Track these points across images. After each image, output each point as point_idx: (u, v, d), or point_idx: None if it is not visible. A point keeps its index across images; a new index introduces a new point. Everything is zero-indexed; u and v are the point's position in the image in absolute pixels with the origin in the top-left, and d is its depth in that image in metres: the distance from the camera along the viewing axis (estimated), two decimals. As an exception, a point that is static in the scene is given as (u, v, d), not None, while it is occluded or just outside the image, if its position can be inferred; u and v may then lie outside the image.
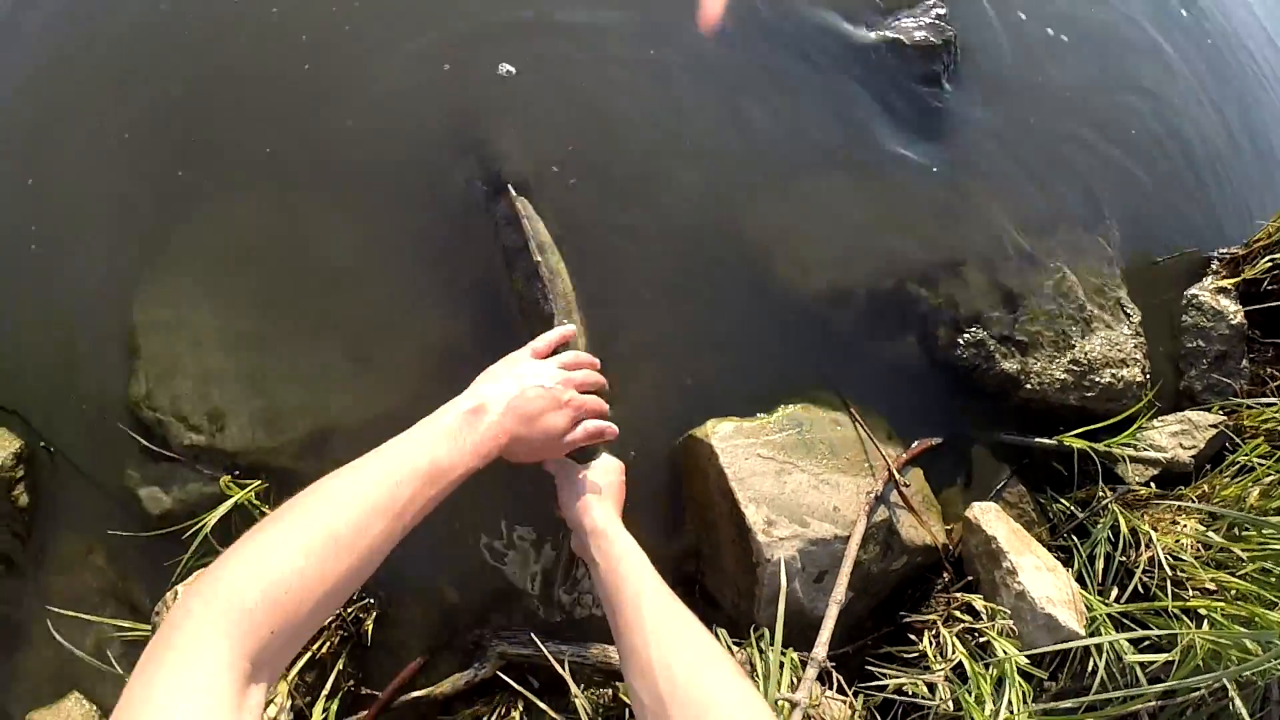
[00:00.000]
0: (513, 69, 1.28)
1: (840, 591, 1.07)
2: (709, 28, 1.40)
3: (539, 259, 1.13)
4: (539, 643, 1.10)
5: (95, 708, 1.32)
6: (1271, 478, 1.24)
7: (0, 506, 1.30)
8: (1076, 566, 1.23)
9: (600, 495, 1.02)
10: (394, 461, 0.76)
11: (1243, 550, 1.16)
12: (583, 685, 1.10)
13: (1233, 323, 1.48)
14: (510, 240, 1.17)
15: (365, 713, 1.14)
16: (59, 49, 1.40)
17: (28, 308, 1.36)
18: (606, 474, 1.07)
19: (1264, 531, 1.17)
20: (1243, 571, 1.14)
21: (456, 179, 1.24)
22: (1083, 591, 1.17)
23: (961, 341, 1.27)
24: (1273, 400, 1.39)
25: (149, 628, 1.22)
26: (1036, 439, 1.29)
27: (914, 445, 1.23)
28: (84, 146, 1.36)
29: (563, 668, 1.06)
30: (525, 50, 1.28)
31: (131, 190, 1.32)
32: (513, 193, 1.19)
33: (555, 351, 1.04)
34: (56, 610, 1.26)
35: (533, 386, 0.92)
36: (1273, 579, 1.12)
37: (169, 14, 1.36)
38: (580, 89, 1.28)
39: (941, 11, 1.42)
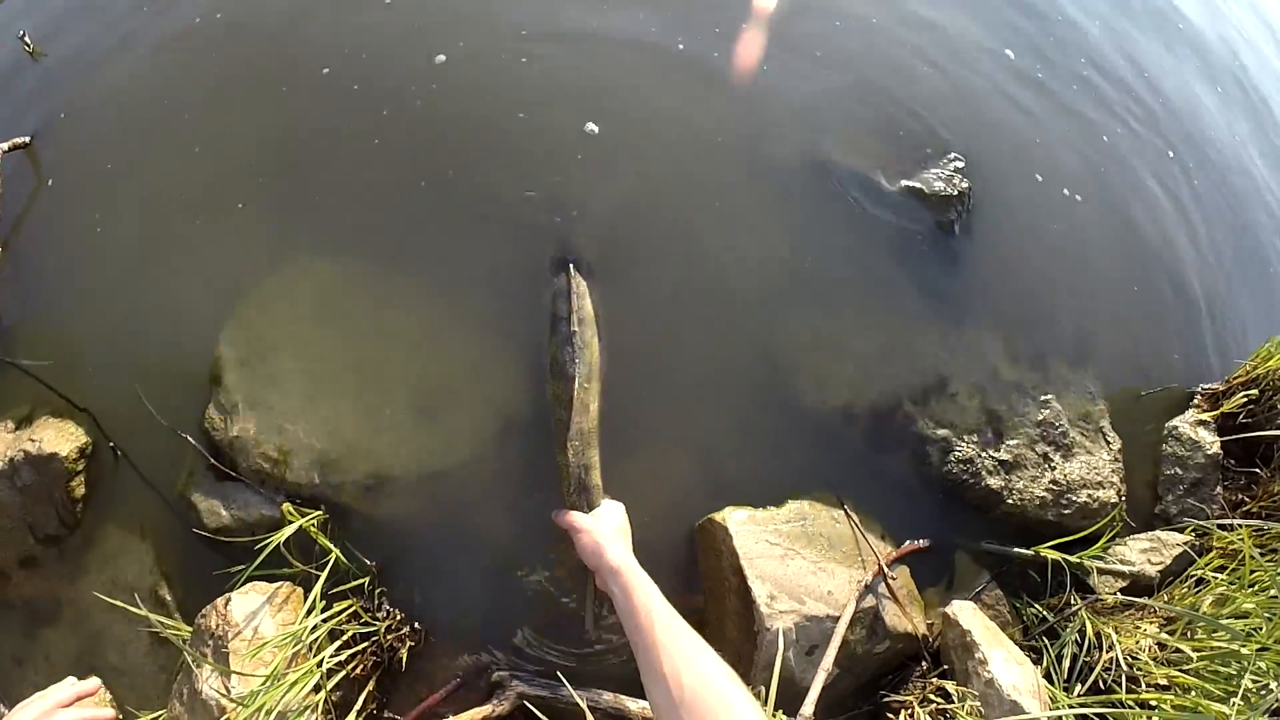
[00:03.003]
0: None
1: (829, 660, 1.24)
2: (744, 75, 1.52)
3: (575, 330, 1.30)
4: (565, 684, 1.23)
5: (111, 698, 1.35)
6: (1221, 589, 1.41)
7: (56, 495, 1.38)
8: (1045, 665, 1.38)
9: (610, 538, 1.17)
10: None
11: (1192, 649, 1.31)
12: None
13: (1209, 453, 1.63)
14: (558, 309, 1.35)
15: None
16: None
17: (115, 316, 1.48)
18: (612, 518, 1.23)
19: (1213, 633, 1.32)
20: (1191, 668, 1.29)
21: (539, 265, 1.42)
22: (1048, 685, 1.33)
23: (952, 459, 1.45)
24: (1237, 522, 1.53)
25: (189, 630, 1.30)
26: (1015, 549, 1.45)
27: (904, 545, 1.41)
28: (203, 162, 1.53)
29: (585, 708, 1.23)
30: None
31: (242, 225, 1.48)
32: (572, 269, 1.37)
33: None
34: (97, 595, 1.33)
35: None
36: (1218, 675, 1.26)
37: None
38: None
39: (960, 165, 1.63)
